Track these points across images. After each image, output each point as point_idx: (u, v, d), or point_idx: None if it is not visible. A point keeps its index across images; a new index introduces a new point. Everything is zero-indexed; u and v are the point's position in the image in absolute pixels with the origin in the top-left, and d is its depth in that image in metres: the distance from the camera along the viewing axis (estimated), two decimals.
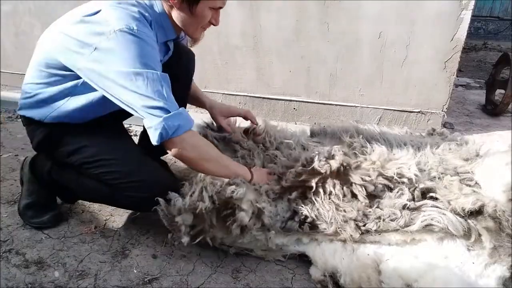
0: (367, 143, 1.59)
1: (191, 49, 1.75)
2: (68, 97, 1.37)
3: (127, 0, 1.30)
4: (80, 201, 1.78)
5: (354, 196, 1.43)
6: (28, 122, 1.47)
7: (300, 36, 2.39)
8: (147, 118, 1.22)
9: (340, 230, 1.36)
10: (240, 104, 2.74)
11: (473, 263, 1.27)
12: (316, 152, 1.48)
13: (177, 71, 1.57)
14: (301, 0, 2.29)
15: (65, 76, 1.33)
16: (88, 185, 1.48)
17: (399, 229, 1.35)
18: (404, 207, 1.38)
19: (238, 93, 2.70)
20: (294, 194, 1.44)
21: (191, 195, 1.35)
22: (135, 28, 1.20)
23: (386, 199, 1.41)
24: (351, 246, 1.36)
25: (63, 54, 1.28)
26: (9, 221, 1.66)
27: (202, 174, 1.43)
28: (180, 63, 1.62)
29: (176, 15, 1.36)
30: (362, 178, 1.41)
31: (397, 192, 1.41)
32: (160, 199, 1.35)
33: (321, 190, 1.43)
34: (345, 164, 1.43)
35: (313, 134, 1.85)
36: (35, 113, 1.42)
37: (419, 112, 2.38)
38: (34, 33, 2.93)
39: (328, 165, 1.42)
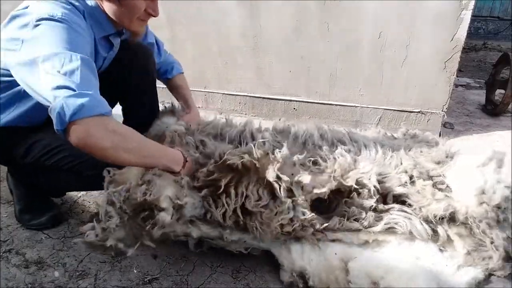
0: (330, 155, 1.48)
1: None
2: (16, 104, 1.34)
3: None
4: (80, 201, 1.78)
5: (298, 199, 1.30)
6: None
7: (300, 36, 2.39)
8: (52, 101, 1.04)
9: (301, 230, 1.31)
10: (240, 104, 2.74)
11: (446, 265, 1.29)
12: (230, 147, 1.36)
13: (131, 67, 1.54)
14: (301, 0, 2.29)
15: (11, 82, 1.28)
16: (53, 178, 1.45)
17: (362, 229, 1.35)
18: (370, 208, 1.38)
19: (238, 93, 2.70)
20: (204, 192, 1.28)
21: (99, 219, 1.18)
22: (58, 14, 1.16)
23: (354, 198, 1.40)
24: (319, 245, 1.34)
25: (5, 57, 1.23)
26: (9, 221, 1.66)
27: (106, 179, 1.23)
28: (135, 60, 1.56)
29: (107, 7, 1.31)
30: (278, 175, 1.27)
31: (367, 193, 1.40)
32: (79, 240, 1.18)
33: (232, 191, 1.27)
34: (262, 161, 1.28)
35: (275, 130, 1.67)
36: None
37: (419, 112, 2.38)
38: None
39: (241, 160, 1.25)
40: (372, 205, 1.38)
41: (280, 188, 1.27)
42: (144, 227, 1.17)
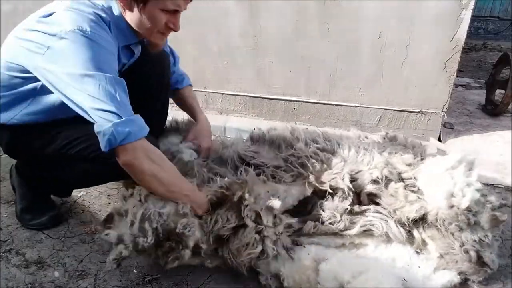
0: (304, 157, 1.51)
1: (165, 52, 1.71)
2: (30, 99, 1.35)
3: (84, 1, 1.27)
4: (80, 201, 1.79)
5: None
6: None
7: (300, 36, 2.39)
8: (97, 122, 1.17)
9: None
10: (240, 104, 2.74)
11: (419, 266, 1.29)
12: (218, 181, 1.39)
13: (150, 74, 1.57)
14: (301, 0, 2.29)
15: (25, 78, 1.30)
16: (73, 168, 1.45)
17: (337, 233, 1.35)
18: (345, 211, 1.39)
19: (238, 93, 2.70)
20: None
21: (131, 225, 1.21)
22: (87, 29, 1.18)
23: (329, 201, 1.41)
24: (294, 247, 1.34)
25: (22, 56, 1.26)
26: (9, 221, 1.66)
27: (144, 192, 1.30)
28: (154, 66, 1.59)
29: (129, 17, 1.31)
30: (241, 197, 1.30)
31: (341, 195, 1.41)
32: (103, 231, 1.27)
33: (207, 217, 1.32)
34: (233, 188, 1.33)
35: (252, 140, 1.71)
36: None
37: (419, 112, 2.38)
38: None
39: (213, 194, 1.32)
40: (347, 208, 1.39)
41: (244, 210, 1.28)
42: (165, 256, 1.24)
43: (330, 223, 1.36)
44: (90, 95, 1.15)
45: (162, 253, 1.25)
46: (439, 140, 2.41)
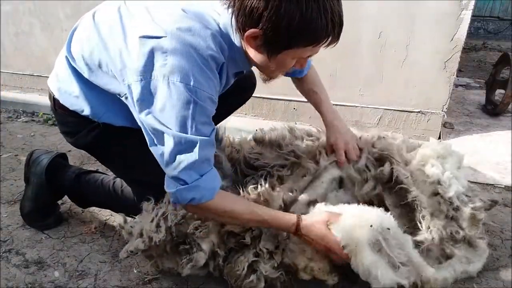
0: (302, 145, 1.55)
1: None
2: (116, 97, 1.21)
3: (202, 21, 1.08)
4: None
5: None
6: (73, 112, 1.30)
7: None
8: (166, 179, 1.14)
9: None
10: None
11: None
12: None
13: (233, 94, 1.56)
14: None
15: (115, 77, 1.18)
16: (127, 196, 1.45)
17: None
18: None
19: None
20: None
21: (151, 221, 1.26)
22: (191, 82, 1.03)
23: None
24: None
25: (117, 63, 1.11)
26: (9, 221, 1.66)
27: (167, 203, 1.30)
28: (243, 89, 1.67)
29: (253, 55, 1.13)
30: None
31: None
32: (120, 215, 1.36)
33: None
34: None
35: (256, 141, 1.68)
36: (87, 108, 1.27)
37: (419, 112, 2.38)
38: (34, 33, 2.93)
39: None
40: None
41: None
42: (179, 259, 1.26)
43: None
44: (166, 150, 1.08)
45: (178, 256, 1.26)
46: (439, 140, 2.41)
